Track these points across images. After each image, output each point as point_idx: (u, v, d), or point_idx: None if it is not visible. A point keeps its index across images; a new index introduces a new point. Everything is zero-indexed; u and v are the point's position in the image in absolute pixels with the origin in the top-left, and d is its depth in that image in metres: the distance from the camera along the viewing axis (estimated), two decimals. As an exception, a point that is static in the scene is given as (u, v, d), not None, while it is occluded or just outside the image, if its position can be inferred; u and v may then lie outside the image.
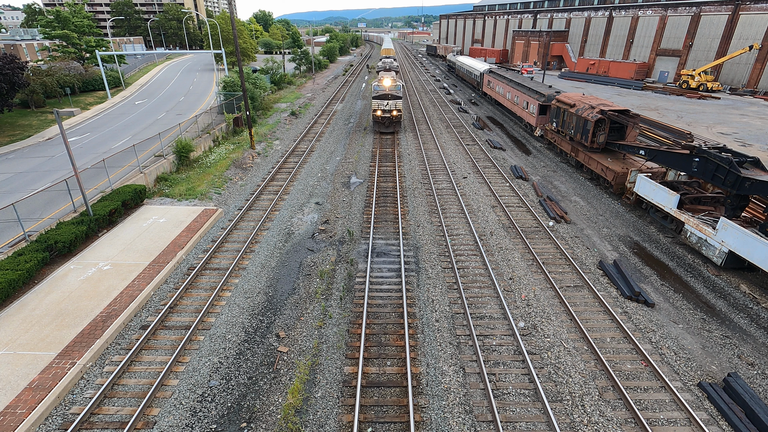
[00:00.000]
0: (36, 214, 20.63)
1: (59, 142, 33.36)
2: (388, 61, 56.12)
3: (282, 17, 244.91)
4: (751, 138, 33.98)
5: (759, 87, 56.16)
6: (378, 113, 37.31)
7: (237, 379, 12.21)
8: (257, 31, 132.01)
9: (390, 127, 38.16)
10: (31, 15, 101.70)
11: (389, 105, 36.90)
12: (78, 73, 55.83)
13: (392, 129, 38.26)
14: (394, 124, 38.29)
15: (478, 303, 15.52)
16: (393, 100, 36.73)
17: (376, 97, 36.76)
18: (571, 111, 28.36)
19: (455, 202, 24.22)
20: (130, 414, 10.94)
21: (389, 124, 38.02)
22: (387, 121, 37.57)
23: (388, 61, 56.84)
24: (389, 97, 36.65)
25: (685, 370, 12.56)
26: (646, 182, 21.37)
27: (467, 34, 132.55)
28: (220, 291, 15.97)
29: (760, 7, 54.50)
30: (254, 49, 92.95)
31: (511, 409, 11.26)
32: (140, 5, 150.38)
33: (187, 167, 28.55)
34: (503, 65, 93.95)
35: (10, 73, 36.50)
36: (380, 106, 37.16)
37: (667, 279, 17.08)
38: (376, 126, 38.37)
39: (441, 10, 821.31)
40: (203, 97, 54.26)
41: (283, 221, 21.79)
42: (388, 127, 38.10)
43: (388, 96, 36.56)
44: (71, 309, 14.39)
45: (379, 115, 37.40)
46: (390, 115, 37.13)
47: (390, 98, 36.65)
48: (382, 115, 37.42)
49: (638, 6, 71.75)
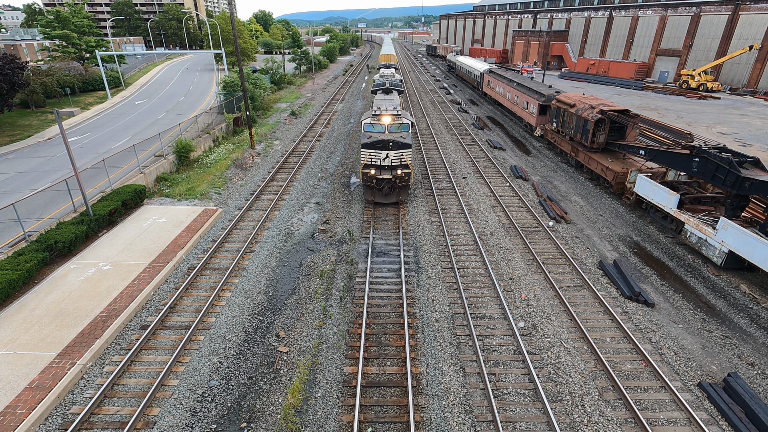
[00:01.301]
0: (36, 214, 20.62)
1: (59, 142, 33.36)
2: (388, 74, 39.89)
3: (282, 17, 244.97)
4: (751, 138, 33.98)
5: (759, 87, 56.16)
6: (371, 172, 21.60)
7: (237, 379, 12.21)
8: (257, 31, 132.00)
9: (392, 195, 22.70)
10: (31, 15, 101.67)
11: (390, 160, 21.56)
12: (78, 73, 55.83)
13: (395, 198, 22.72)
14: (399, 190, 22.71)
15: (478, 303, 15.52)
16: (397, 150, 21.49)
17: (367, 145, 21.62)
18: (571, 111, 28.36)
19: (455, 202, 24.22)
20: (130, 414, 10.93)
21: (390, 191, 22.48)
22: (387, 185, 22.07)
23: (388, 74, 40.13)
24: (390, 146, 21.36)
25: (685, 370, 12.56)
26: (646, 182, 21.36)
27: (467, 34, 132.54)
28: (220, 291, 15.96)
29: (760, 7, 54.50)
30: (254, 49, 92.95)
31: (511, 409, 11.26)
32: (140, 5, 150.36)
33: (187, 167, 28.56)
34: (503, 65, 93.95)
35: (10, 73, 36.51)
36: (375, 161, 21.64)
37: (667, 279, 17.08)
38: (368, 192, 22.85)
39: (441, 10, 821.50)
40: (203, 97, 54.26)
41: (283, 221, 21.79)
42: (389, 196, 22.68)
43: (388, 144, 21.32)
44: (71, 309, 14.39)
45: (373, 175, 21.71)
46: (391, 177, 21.86)
47: (392, 147, 21.40)
48: (378, 177, 21.77)
49: (638, 6, 71.75)
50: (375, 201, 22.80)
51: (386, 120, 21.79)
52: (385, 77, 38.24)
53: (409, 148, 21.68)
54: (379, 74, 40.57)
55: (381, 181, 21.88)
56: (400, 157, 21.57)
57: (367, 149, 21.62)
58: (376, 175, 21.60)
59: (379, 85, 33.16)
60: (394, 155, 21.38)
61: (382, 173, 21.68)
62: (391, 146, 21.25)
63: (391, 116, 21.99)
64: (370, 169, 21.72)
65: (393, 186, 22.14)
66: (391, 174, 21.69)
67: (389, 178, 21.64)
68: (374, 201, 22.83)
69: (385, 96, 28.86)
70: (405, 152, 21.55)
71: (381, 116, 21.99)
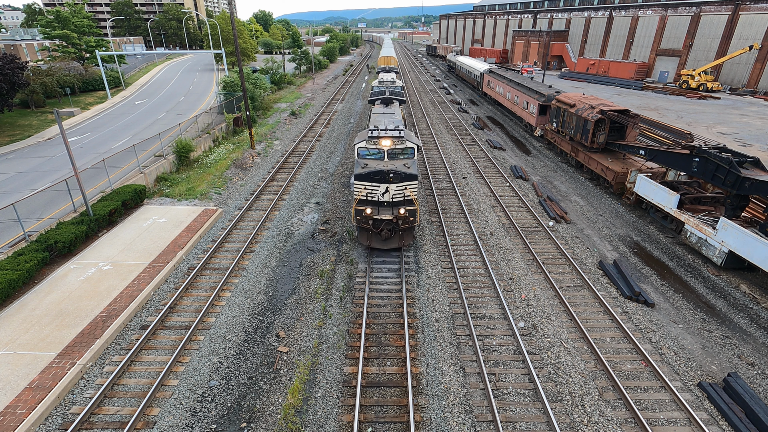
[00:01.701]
0: (36, 214, 20.62)
1: (59, 142, 33.36)
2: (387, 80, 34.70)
3: (282, 17, 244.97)
4: (751, 138, 33.98)
5: (759, 87, 56.16)
6: (366, 211, 17.10)
7: (237, 379, 12.21)
8: (257, 31, 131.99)
9: (393, 240, 18.01)
10: (31, 15, 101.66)
11: (391, 195, 17.00)
12: (78, 73, 55.83)
13: (397, 243, 17.94)
14: (402, 233, 18.07)
15: (478, 303, 15.52)
16: (399, 183, 16.91)
17: (362, 177, 17.07)
18: (571, 111, 28.36)
19: (455, 202, 24.22)
20: (130, 414, 10.94)
21: (391, 235, 17.84)
22: (386, 228, 17.41)
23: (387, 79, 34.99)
24: (391, 177, 16.81)
25: (685, 370, 12.56)
26: (646, 182, 21.36)
27: (467, 34, 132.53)
28: (220, 291, 15.96)
29: (760, 7, 54.50)
30: (254, 49, 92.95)
31: (511, 409, 11.26)
32: (140, 5, 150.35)
33: (187, 167, 28.56)
34: (503, 65, 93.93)
35: (10, 73, 36.51)
36: (371, 196, 17.20)
37: (667, 279, 17.08)
38: (363, 235, 18.17)
39: (441, 10, 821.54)
40: (203, 97, 54.26)
41: (283, 221, 21.79)
42: (389, 240, 17.96)
43: (388, 176, 16.78)
44: (71, 309, 14.39)
45: (369, 215, 17.17)
46: (392, 218, 17.15)
47: (393, 179, 16.83)
48: (376, 218, 17.23)
49: (638, 6, 71.75)
50: (371, 246, 18.06)
51: (386, 144, 17.69)
52: (384, 83, 33.68)
53: (415, 179, 16.90)
54: (378, 80, 35.52)
55: (379, 223, 17.16)
56: (404, 191, 16.94)
57: (361, 181, 17.02)
58: (372, 214, 17.02)
59: (378, 93, 28.39)
60: (395, 189, 16.83)
61: (380, 212, 17.15)
62: (392, 178, 16.67)
63: (392, 139, 17.80)
64: (365, 206, 17.08)
65: (394, 228, 17.51)
66: (392, 213, 17.03)
67: (389, 218, 17.00)
68: (370, 246, 18.09)
69: (384, 109, 24.42)
70: (410, 185, 16.93)
71: (379, 139, 17.75)
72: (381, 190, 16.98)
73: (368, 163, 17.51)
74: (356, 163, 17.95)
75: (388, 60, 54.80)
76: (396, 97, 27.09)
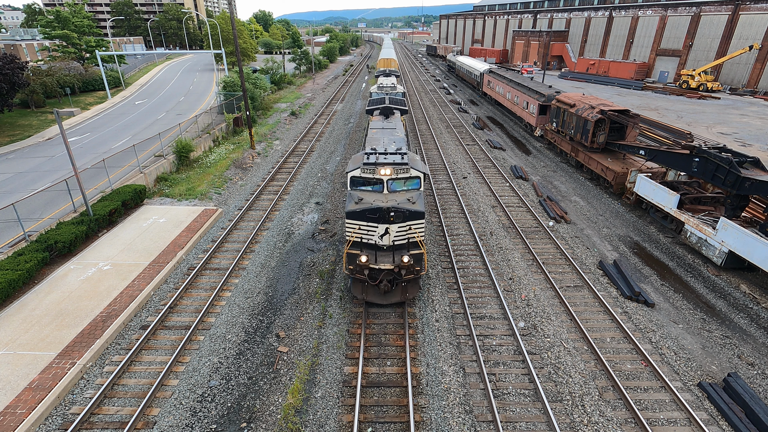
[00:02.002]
0: (36, 214, 20.62)
1: (59, 142, 33.36)
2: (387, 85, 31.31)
3: (282, 17, 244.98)
4: (751, 138, 33.98)
5: (759, 87, 56.16)
6: (362, 258, 13.62)
7: (237, 379, 12.21)
8: (257, 31, 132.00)
9: (394, 293, 14.73)
10: (31, 15, 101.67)
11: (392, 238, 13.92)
12: (78, 73, 55.84)
13: (399, 297, 14.70)
14: (406, 285, 14.66)
15: (478, 303, 15.52)
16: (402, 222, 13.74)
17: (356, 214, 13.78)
18: (571, 111, 28.36)
19: (455, 202, 24.21)
20: (130, 414, 10.94)
21: (392, 287, 14.42)
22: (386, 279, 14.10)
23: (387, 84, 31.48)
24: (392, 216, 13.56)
25: (685, 370, 12.56)
26: (646, 182, 21.36)
27: (467, 34, 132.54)
28: (220, 291, 15.96)
29: (760, 7, 54.50)
30: (254, 49, 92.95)
31: (511, 409, 11.26)
32: (140, 5, 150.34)
33: (187, 167, 28.56)
34: (503, 65, 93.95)
35: (10, 73, 36.50)
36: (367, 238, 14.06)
37: (667, 279, 17.08)
38: (357, 287, 14.57)
39: (441, 10, 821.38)
40: (203, 97, 54.26)
41: (283, 221, 21.79)
42: (390, 294, 14.70)
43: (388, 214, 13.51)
44: (71, 309, 14.39)
45: (364, 263, 13.68)
46: (394, 267, 13.79)
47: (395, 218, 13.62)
48: (373, 267, 13.84)
49: (638, 6, 71.75)
50: (367, 300, 14.40)
51: (385, 172, 14.20)
52: (383, 89, 30.14)
53: (422, 218, 13.58)
54: (377, 85, 31.91)
55: (377, 273, 13.66)
56: (407, 233, 13.65)
57: (355, 220, 13.56)
58: (368, 263, 13.43)
59: (376, 102, 24.97)
60: (397, 231, 13.50)
61: (378, 259, 13.70)
62: (393, 217, 13.31)
63: (393, 167, 14.21)
64: (359, 252, 13.63)
65: (396, 279, 13.97)
66: (394, 261, 13.63)
67: (390, 268, 13.53)
68: (365, 300, 14.39)
69: (383, 122, 20.89)
70: (415, 225, 13.61)
71: (377, 167, 14.18)
72: (379, 232, 13.56)
73: (363, 197, 14.06)
74: (349, 195, 14.43)
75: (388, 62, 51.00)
76: (397, 107, 23.89)
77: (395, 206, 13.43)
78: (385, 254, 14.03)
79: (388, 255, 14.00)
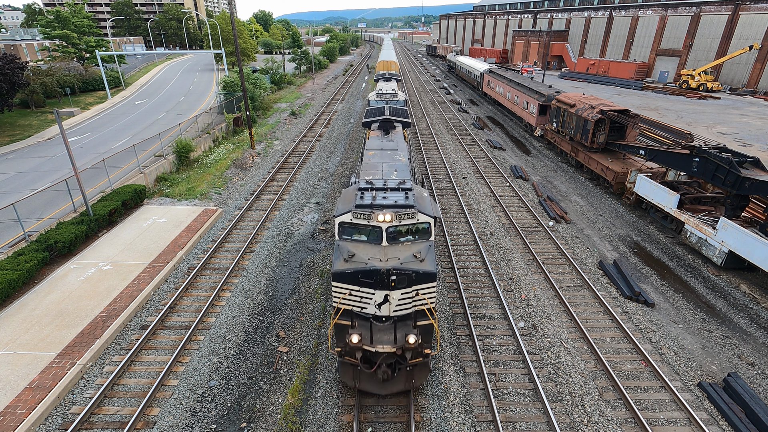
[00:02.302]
0: (36, 214, 20.62)
1: (59, 142, 33.36)
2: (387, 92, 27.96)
3: (282, 17, 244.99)
4: (751, 138, 33.98)
5: (759, 87, 56.16)
6: (352, 339, 9.96)
7: (237, 379, 12.21)
8: (257, 31, 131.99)
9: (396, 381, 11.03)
10: (31, 15, 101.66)
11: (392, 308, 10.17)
12: (78, 73, 55.84)
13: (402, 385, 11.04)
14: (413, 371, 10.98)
15: (478, 303, 15.52)
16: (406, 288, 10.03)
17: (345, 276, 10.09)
18: (571, 111, 28.36)
19: (455, 202, 24.21)
20: (130, 414, 10.94)
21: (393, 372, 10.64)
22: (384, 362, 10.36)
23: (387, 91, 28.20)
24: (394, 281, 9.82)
25: (685, 370, 12.57)
26: (646, 182, 21.37)
27: (467, 34, 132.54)
28: (220, 291, 15.96)
29: (760, 7, 54.50)
30: (254, 49, 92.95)
31: (511, 409, 11.26)
32: (140, 5, 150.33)
33: (187, 167, 28.56)
34: (503, 65, 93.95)
35: (10, 73, 36.51)
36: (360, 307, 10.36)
37: (667, 279, 17.08)
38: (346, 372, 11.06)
39: (441, 10, 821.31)
40: (203, 97, 54.26)
41: (283, 221, 21.79)
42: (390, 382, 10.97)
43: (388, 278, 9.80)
44: (71, 309, 14.39)
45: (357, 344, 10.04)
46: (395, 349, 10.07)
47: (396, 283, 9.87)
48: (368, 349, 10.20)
49: (638, 6, 71.76)
50: (360, 389, 11.15)
51: (384, 219, 10.60)
52: (383, 96, 26.99)
53: (433, 280, 10.20)
54: (376, 91, 28.44)
55: (373, 357, 10.41)
56: (413, 299, 10.27)
57: (344, 283, 10.22)
58: (362, 343, 10.14)
59: (375, 113, 21.89)
60: (400, 299, 10.14)
61: (375, 337, 10.29)
62: (395, 282, 9.87)
63: (394, 212, 10.65)
64: (350, 323, 10.35)
65: (398, 363, 10.64)
66: (395, 340, 10.24)
67: (391, 350, 10.16)
68: (358, 389, 11.17)
69: (382, 140, 17.83)
70: (424, 290, 10.22)
71: (374, 212, 10.69)
72: (377, 300, 10.07)
73: (356, 251, 10.48)
74: (336, 248, 10.89)
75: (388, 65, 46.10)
76: (399, 119, 20.79)
77: (398, 267, 9.86)
78: (384, 329, 10.33)
79: (387, 330, 10.32)
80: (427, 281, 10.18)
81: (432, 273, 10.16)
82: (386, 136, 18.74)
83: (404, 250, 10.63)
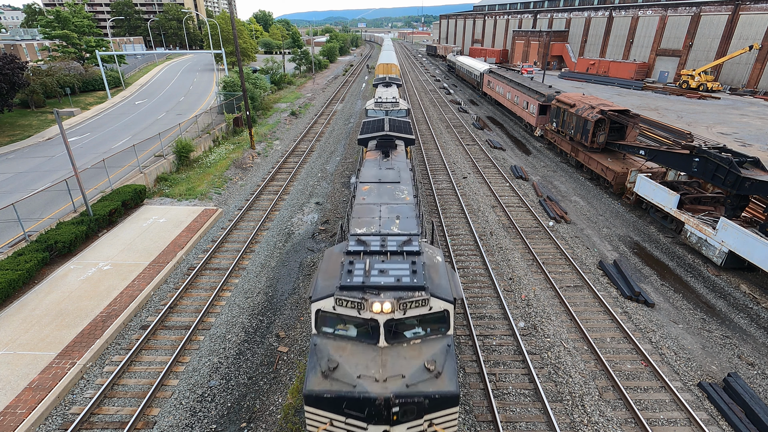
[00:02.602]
0: (36, 214, 20.62)
1: (59, 142, 33.36)
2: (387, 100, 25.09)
3: (282, 17, 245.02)
4: (751, 138, 33.98)
5: (759, 87, 56.17)
6: None
7: (237, 379, 12.21)
8: (257, 31, 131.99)
9: None
10: (31, 15, 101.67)
11: None
12: (78, 73, 55.84)
13: None
14: None
15: (478, 303, 15.52)
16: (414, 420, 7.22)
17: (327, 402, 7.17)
18: (571, 111, 28.36)
19: (455, 202, 24.21)
20: (130, 414, 10.93)
21: None
22: None
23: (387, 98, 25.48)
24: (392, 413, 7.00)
25: (685, 370, 12.56)
26: (646, 182, 21.36)
27: (467, 34, 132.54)
28: (220, 291, 15.96)
29: (760, 7, 54.51)
30: (254, 49, 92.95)
31: (511, 409, 11.26)
32: (140, 5, 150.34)
33: (187, 167, 28.56)
34: (503, 65, 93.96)
35: (10, 73, 36.51)
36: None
37: (667, 279, 17.08)
38: None
39: (441, 10, 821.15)
40: (203, 97, 54.26)
41: (283, 221, 21.79)
42: None
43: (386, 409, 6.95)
44: (71, 309, 14.38)
45: None
46: None
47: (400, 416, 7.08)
48: None
49: (638, 6, 71.76)
50: None
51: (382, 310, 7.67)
52: (382, 105, 23.98)
53: (455, 404, 7.45)
54: (374, 99, 25.67)
55: None
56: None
57: (322, 410, 7.42)
58: None
59: (372, 127, 19.11)
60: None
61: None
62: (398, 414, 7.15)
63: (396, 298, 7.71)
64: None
65: None
66: None
67: None
68: None
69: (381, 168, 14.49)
70: (441, 419, 7.55)
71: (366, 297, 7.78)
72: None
73: (340, 360, 7.70)
74: (312, 351, 8.09)
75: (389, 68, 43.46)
76: (401, 135, 18.02)
77: (403, 392, 7.08)
78: None
79: None
80: (445, 407, 7.35)
81: (454, 395, 7.31)
82: (385, 160, 15.31)
83: (411, 357, 7.64)
